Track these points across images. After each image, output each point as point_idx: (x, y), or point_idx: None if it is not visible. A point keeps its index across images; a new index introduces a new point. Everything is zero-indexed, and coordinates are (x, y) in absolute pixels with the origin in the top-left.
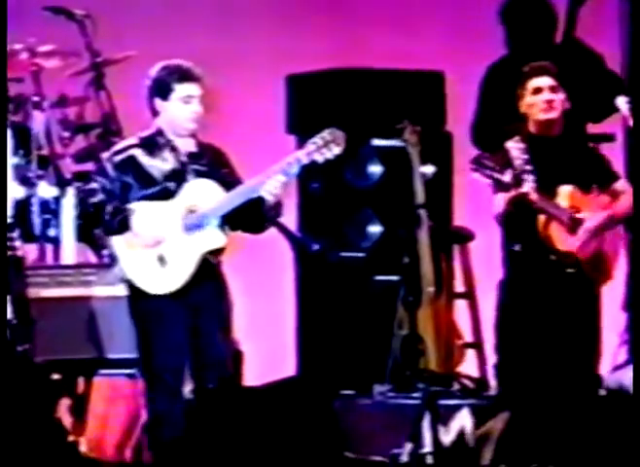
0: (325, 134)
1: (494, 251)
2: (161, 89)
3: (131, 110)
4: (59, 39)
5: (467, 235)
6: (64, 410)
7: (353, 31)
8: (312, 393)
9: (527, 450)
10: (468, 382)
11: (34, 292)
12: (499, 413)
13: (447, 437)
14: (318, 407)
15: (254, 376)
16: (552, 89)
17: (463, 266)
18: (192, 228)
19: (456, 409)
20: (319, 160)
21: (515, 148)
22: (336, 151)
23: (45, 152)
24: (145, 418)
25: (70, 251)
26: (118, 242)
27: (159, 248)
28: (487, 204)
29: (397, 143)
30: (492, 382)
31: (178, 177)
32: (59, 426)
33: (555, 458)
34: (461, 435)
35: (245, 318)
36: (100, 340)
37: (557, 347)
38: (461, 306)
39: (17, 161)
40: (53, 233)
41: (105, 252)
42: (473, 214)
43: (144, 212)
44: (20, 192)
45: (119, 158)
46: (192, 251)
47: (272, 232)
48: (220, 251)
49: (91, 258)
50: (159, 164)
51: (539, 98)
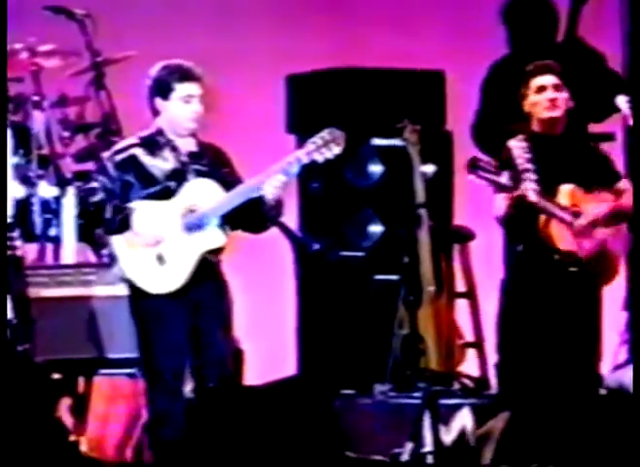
0: (325, 134)
1: (495, 250)
2: (162, 89)
3: (131, 110)
4: (59, 39)
5: (467, 235)
6: (65, 409)
7: (353, 31)
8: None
9: (528, 450)
10: (468, 382)
11: (34, 291)
12: (500, 413)
13: (448, 436)
14: (319, 406)
15: (254, 375)
16: (556, 88)
17: (463, 265)
18: (192, 227)
19: (457, 408)
20: (319, 159)
21: (518, 147)
22: (335, 151)
23: (45, 151)
24: (146, 418)
25: (70, 251)
26: (117, 242)
27: (158, 247)
28: (488, 204)
29: (397, 142)
30: (493, 382)
31: (178, 177)
32: (60, 426)
33: (556, 458)
34: (462, 434)
35: (246, 317)
36: (100, 339)
37: (558, 347)
38: (462, 306)
39: (17, 160)
40: (53, 233)
41: (105, 252)
42: (473, 213)
43: (144, 211)
44: (21, 191)
45: (119, 157)
46: (191, 250)
47: (273, 231)
48: (220, 250)
49: (91, 257)
50: (159, 164)
51: (542, 97)
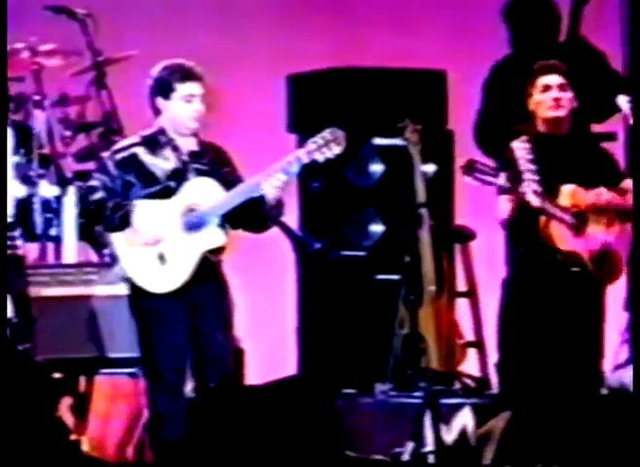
0: (326, 134)
1: (495, 250)
2: (163, 89)
3: (132, 109)
4: (60, 38)
5: (468, 234)
6: (66, 409)
7: (354, 30)
8: (314, 392)
9: (528, 450)
10: (469, 381)
11: (35, 291)
12: (500, 413)
13: (449, 436)
14: (319, 406)
15: (255, 374)
16: (561, 88)
17: (464, 265)
18: (192, 226)
19: (458, 408)
20: (320, 159)
21: (521, 148)
22: (336, 150)
23: (46, 151)
24: (146, 417)
25: (71, 250)
26: (118, 241)
27: (159, 246)
28: (489, 203)
29: (398, 142)
30: (494, 381)
31: (179, 176)
32: (61, 425)
33: (556, 457)
34: (463, 434)
35: (246, 317)
36: (101, 338)
37: (560, 346)
38: (462, 305)
39: (18, 159)
40: (54, 233)
41: (106, 251)
42: (474, 213)
43: (144, 210)
44: (22, 191)
45: (120, 156)
46: (192, 250)
47: (274, 230)
48: (220, 250)
49: (93, 257)
50: (160, 163)
51: (547, 96)
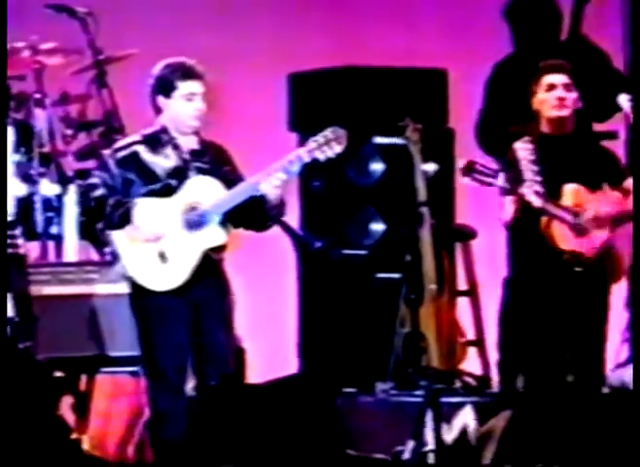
0: (327, 133)
1: (496, 249)
2: (164, 87)
3: (133, 107)
4: (61, 37)
5: (469, 233)
6: (67, 407)
7: (355, 29)
8: (314, 391)
9: (529, 448)
10: (470, 380)
11: (36, 289)
12: (501, 411)
13: (450, 435)
14: (320, 404)
15: (256, 373)
16: (566, 87)
17: (465, 263)
18: (193, 225)
19: (459, 406)
20: (321, 158)
21: (524, 148)
22: (337, 149)
23: (47, 149)
24: (147, 416)
25: (72, 249)
26: (119, 239)
27: (159, 244)
28: (489, 202)
29: (399, 141)
30: (494, 380)
31: (180, 174)
32: (62, 424)
33: (557, 456)
34: (463, 433)
35: (248, 316)
36: (102, 337)
37: (561, 345)
38: (463, 304)
39: (19, 158)
40: (55, 231)
41: (107, 250)
42: (475, 212)
43: (145, 208)
44: (22, 189)
45: (121, 154)
46: (192, 248)
47: (275, 229)
48: (221, 248)
49: (94, 255)
50: (161, 162)
51: (551, 95)
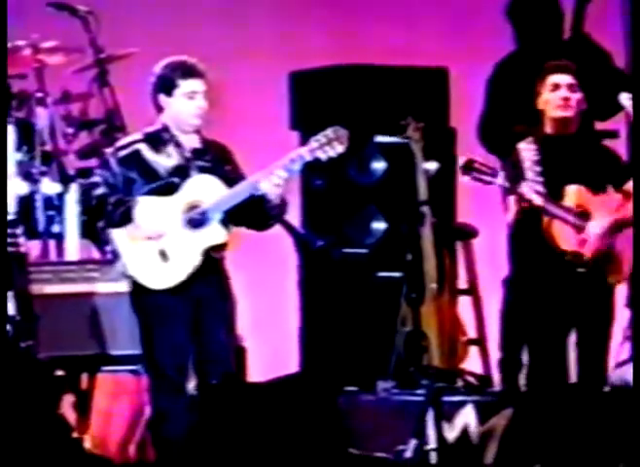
0: (328, 132)
1: (498, 248)
2: (166, 86)
3: (135, 106)
4: (63, 35)
5: (470, 232)
6: (68, 406)
7: (356, 28)
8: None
9: (530, 447)
10: (472, 379)
11: (37, 288)
12: (503, 410)
13: (451, 433)
14: (322, 403)
15: (257, 372)
16: (570, 88)
17: (466, 262)
18: (194, 223)
19: (460, 405)
20: (322, 157)
21: (527, 149)
22: (339, 149)
23: (48, 148)
24: (149, 414)
25: (73, 247)
26: (120, 238)
27: (160, 243)
28: (491, 201)
29: (400, 140)
30: (496, 379)
31: (182, 173)
32: (63, 423)
33: (558, 455)
34: (465, 431)
35: (249, 314)
36: (104, 336)
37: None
38: (464, 303)
39: (20, 157)
40: (56, 230)
41: (108, 248)
42: (476, 211)
43: (146, 206)
44: (24, 188)
45: (123, 153)
46: (193, 246)
47: (276, 228)
48: (222, 247)
49: (95, 254)
50: (163, 160)
51: (556, 95)
